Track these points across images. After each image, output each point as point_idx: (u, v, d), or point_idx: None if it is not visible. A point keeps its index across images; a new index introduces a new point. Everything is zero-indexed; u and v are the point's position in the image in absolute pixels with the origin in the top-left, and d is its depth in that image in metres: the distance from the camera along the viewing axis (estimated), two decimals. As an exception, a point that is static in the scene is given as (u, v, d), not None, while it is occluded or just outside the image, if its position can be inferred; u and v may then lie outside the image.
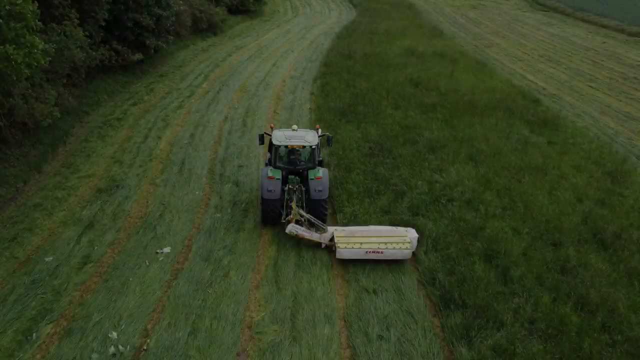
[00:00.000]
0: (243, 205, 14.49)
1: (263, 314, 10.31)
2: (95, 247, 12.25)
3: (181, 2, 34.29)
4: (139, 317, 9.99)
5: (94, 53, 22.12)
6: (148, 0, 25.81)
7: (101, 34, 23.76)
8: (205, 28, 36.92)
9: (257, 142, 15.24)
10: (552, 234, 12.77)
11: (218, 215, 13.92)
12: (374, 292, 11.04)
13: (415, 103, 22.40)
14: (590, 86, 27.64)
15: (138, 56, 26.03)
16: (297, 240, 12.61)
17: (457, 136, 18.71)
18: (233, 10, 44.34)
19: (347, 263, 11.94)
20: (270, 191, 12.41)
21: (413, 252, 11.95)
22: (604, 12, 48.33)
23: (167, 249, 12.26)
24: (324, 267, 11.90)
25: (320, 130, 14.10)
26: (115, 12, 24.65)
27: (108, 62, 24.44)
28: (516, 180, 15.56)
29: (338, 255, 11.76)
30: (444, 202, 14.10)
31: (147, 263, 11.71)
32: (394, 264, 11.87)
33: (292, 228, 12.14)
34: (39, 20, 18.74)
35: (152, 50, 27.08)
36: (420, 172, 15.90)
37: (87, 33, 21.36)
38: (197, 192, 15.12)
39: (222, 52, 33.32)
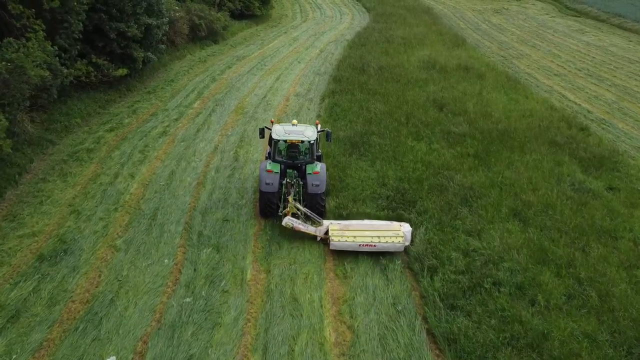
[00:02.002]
0: (223, 282, 11.13)
1: None
2: (14, 356, 8.98)
3: (177, 7, 31.26)
4: None
5: (65, 70, 18.97)
6: (135, 8, 22.65)
7: (78, 46, 20.63)
8: (204, 36, 33.72)
9: (259, 135, 15.92)
10: (645, 346, 9.19)
11: (188, 299, 10.57)
12: None
13: (441, 132, 18.86)
14: (644, 108, 23.82)
15: (121, 71, 22.86)
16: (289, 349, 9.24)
17: (494, 180, 15.14)
18: (237, 15, 41.08)
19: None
20: (268, 184, 12.70)
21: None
22: (643, 18, 44.14)
23: (110, 361, 8.96)
24: (326, 394, 8.48)
25: (319, 126, 14.55)
26: (96, 21, 21.55)
27: (86, 79, 21.37)
28: (579, 249, 11.97)
29: (331, 247, 11.95)
30: (487, 286, 10.57)
31: (78, 387, 8.41)
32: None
33: (288, 220, 12.36)
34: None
35: (140, 64, 23.90)
36: (453, 235, 12.39)
37: (55, 47, 18.24)
38: (165, 261, 11.79)
39: (221, 64, 30.06)
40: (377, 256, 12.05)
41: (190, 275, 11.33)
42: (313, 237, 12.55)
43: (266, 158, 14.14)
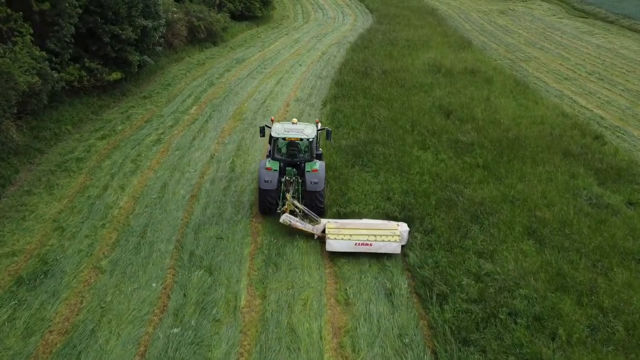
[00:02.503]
0: (215, 309, 10.27)
1: None
2: (-19, 398, 8.18)
3: (176, 9, 30.43)
4: None
5: (56, 75, 18.19)
6: (131, 10, 21.83)
7: (70, 50, 19.83)
8: (203, 37, 32.91)
9: (259, 134, 15.95)
10: (679, 388, 8.29)
11: (176, 330, 9.70)
12: None
13: (448, 141, 17.95)
14: (659, 115, 22.85)
15: (115, 75, 21.99)
16: None
17: (506, 194, 14.23)
18: (237, 16, 40.26)
19: None
20: (267, 182, 12.76)
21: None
22: (653, 19, 43.03)
23: (87, 404, 8.11)
24: None
25: (320, 124, 14.59)
26: (90, 23, 20.73)
27: (78, 84, 20.57)
28: (601, 273, 11.06)
29: (328, 247, 11.79)
30: (502, 317, 9.67)
31: None
32: None
33: (285, 218, 12.36)
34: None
35: (136, 67, 23.07)
36: (463, 257, 11.49)
37: (44, 51, 17.46)
38: (153, 285, 10.94)
39: (220, 66, 29.24)
40: (383, 279, 11.18)
41: (180, 302, 10.47)
42: (310, 235, 12.48)
43: (267, 156, 14.04)
